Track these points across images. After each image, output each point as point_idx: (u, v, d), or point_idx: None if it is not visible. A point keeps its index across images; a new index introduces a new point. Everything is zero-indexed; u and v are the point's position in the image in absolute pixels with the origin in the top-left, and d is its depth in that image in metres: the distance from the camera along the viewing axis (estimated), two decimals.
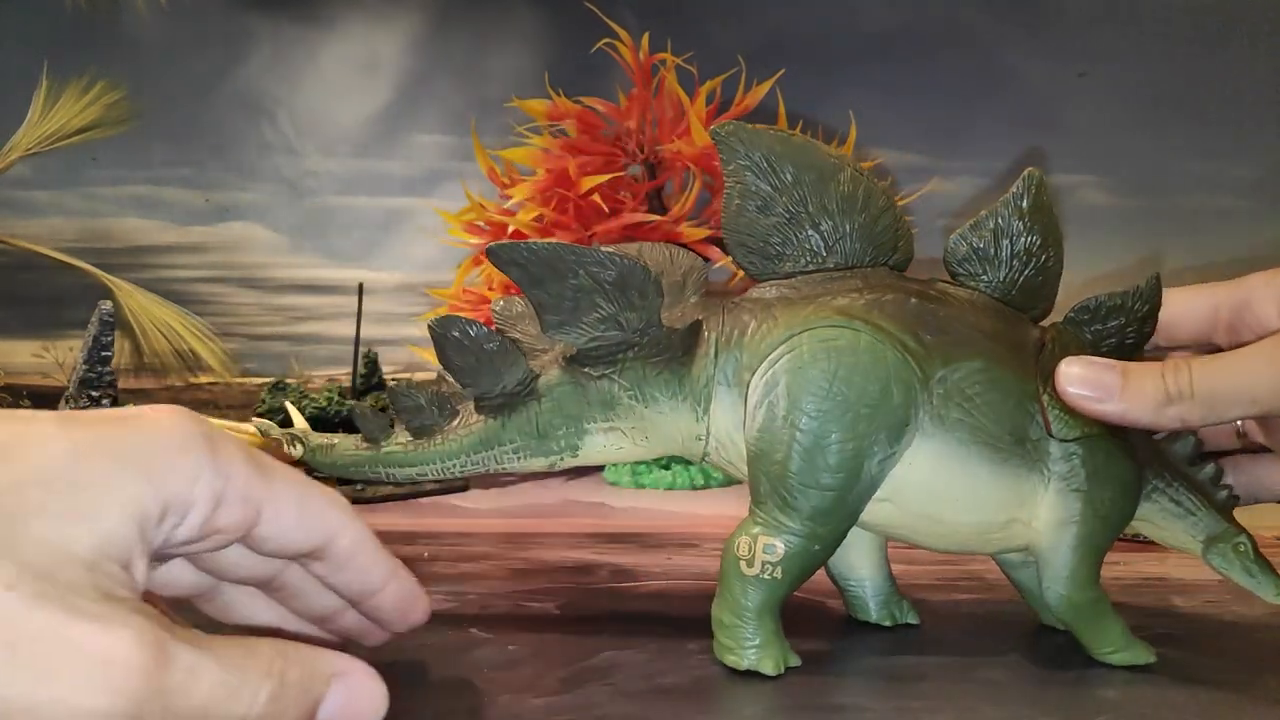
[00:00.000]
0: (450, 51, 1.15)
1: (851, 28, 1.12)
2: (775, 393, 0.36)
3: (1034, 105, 1.09)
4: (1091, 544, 0.37)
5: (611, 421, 0.40)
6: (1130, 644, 0.38)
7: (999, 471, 0.36)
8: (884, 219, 0.38)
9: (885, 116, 1.04)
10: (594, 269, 0.36)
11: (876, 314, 0.36)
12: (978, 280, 0.39)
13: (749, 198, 0.38)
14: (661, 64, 0.89)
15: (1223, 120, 1.08)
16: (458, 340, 0.40)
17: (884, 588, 0.43)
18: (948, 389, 0.36)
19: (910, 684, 0.36)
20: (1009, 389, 0.36)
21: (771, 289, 0.39)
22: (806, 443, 0.35)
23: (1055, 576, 0.37)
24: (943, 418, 0.36)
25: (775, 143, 0.37)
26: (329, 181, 1.17)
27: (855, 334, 0.35)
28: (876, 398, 0.35)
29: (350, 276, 1.15)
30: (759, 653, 0.35)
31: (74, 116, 1.11)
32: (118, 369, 0.70)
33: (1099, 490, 0.37)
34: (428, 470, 0.42)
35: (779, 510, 0.35)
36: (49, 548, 0.21)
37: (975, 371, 0.36)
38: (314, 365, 1.16)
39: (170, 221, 1.15)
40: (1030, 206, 0.37)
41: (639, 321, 0.38)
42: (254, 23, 1.15)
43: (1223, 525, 0.40)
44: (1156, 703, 0.34)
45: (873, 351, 0.35)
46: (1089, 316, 0.39)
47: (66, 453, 0.22)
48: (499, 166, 0.92)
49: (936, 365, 0.36)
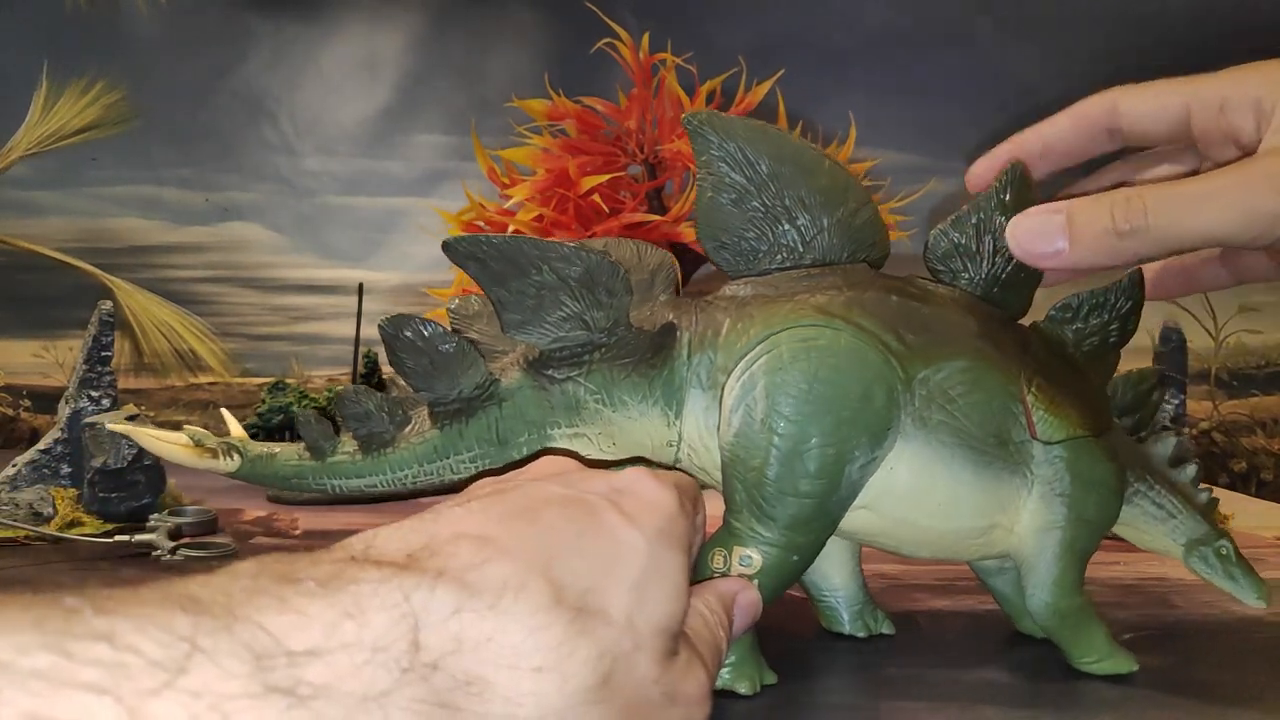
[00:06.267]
0: (450, 51, 1.15)
1: (851, 28, 1.12)
2: (753, 395, 0.34)
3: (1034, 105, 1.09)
4: (1075, 549, 0.36)
5: (577, 427, 0.38)
6: (1112, 652, 0.37)
7: (981, 475, 0.35)
8: (863, 213, 0.37)
9: (885, 116, 1.04)
10: (558, 264, 0.34)
11: (857, 312, 0.35)
12: (959, 277, 0.37)
13: (723, 190, 0.36)
14: (661, 64, 0.89)
15: None
16: (410, 341, 0.37)
17: (858, 598, 0.42)
18: (930, 390, 0.34)
19: (910, 684, 0.36)
20: (993, 389, 0.35)
21: (747, 286, 0.37)
22: (785, 448, 0.33)
23: (1039, 583, 0.36)
24: (925, 420, 0.34)
25: (750, 133, 0.36)
26: (329, 181, 1.16)
27: (836, 333, 0.34)
28: (858, 400, 0.33)
29: (350, 276, 1.15)
30: (733, 671, 0.34)
31: (74, 116, 1.11)
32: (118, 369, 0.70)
33: (1083, 494, 0.36)
34: (377, 482, 0.40)
35: (755, 519, 0.34)
36: (650, 621, 0.26)
37: (959, 371, 0.35)
38: (314, 365, 1.16)
39: (170, 221, 1.15)
40: (1013, 201, 0.36)
41: (606, 321, 0.36)
42: (254, 22, 1.15)
43: (1204, 528, 0.39)
44: (1155, 703, 0.34)
45: (854, 352, 0.34)
46: (1070, 315, 0.38)
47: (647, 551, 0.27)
48: (499, 166, 0.92)
49: (919, 365, 0.34)
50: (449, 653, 0.21)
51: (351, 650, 0.19)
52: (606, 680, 0.23)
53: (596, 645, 0.23)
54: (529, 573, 0.23)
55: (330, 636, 0.19)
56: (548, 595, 0.23)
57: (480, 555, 0.23)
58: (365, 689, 0.19)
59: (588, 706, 0.22)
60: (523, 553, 0.23)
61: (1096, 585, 0.51)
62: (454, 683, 0.20)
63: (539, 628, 0.22)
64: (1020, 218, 0.34)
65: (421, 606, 0.21)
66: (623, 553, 0.26)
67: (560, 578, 0.23)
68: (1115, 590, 0.51)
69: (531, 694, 0.21)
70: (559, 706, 0.22)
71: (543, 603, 0.22)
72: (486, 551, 0.23)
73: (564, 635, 0.22)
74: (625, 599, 0.25)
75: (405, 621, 0.20)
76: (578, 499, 0.27)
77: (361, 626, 0.20)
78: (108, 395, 0.63)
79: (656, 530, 0.27)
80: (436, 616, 0.21)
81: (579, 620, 0.23)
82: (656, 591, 0.26)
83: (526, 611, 0.22)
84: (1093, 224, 0.33)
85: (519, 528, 0.24)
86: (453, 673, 0.20)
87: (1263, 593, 0.39)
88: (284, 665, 0.18)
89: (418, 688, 0.20)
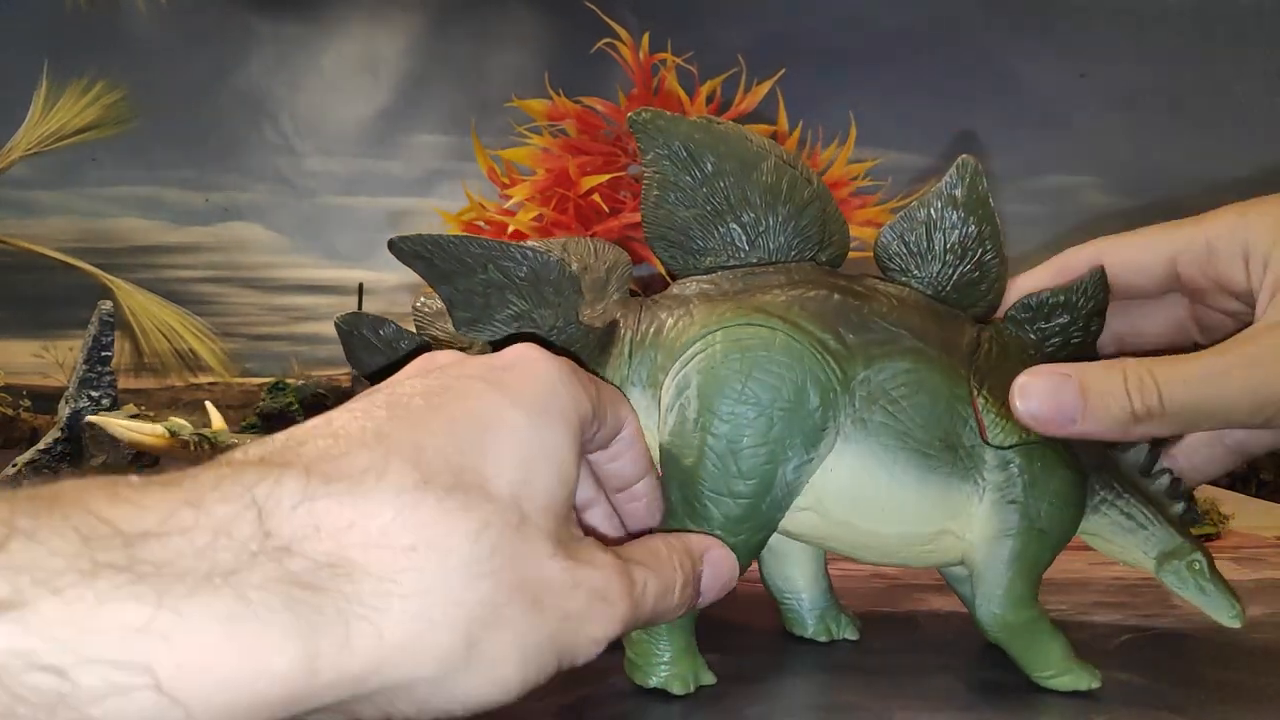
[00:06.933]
0: (450, 51, 1.15)
1: (851, 27, 1.12)
2: (686, 394, 0.34)
3: (1034, 105, 1.09)
4: (1028, 560, 0.35)
5: None
6: (1070, 667, 0.35)
7: (927, 480, 0.34)
8: (809, 211, 0.36)
9: (885, 116, 1.04)
10: (505, 264, 0.34)
11: (796, 311, 0.34)
12: (909, 276, 0.36)
13: (668, 189, 0.36)
14: (661, 64, 0.89)
15: (1223, 121, 1.08)
16: (366, 340, 0.37)
17: (821, 601, 0.41)
18: (871, 390, 0.34)
19: (909, 683, 0.36)
20: (938, 392, 0.34)
21: (692, 284, 0.37)
22: (718, 448, 0.33)
23: (988, 594, 0.35)
24: (865, 421, 0.33)
25: (695, 130, 0.35)
26: (329, 181, 1.16)
27: (771, 333, 0.33)
28: (791, 400, 0.33)
29: (350, 276, 1.15)
30: (669, 669, 0.34)
31: (74, 116, 1.11)
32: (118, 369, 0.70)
33: (1037, 502, 0.34)
34: None
35: (689, 519, 0.33)
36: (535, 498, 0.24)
37: (901, 373, 0.34)
38: (314, 365, 1.16)
39: (170, 221, 1.15)
40: (965, 197, 0.35)
41: (554, 319, 0.35)
42: (254, 23, 1.15)
43: (1177, 541, 0.38)
44: (1155, 703, 0.34)
45: (788, 351, 0.33)
46: (1030, 314, 0.37)
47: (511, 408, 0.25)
48: (499, 166, 0.92)
49: (858, 366, 0.34)
50: (304, 538, 0.20)
51: (191, 534, 0.18)
52: (492, 553, 0.22)
53: (476, 519, 0.22)
54: (391, 457, 0.22)
55: (166, 522, 0.18)
56: (413, 477, 0.22)
57: (339, 447, 0.22)
58: (210, 568, 0.18)
59: (474, 579, 0.21)
60: (384, 441, 0.22)
61: (1096, 586, 0.51)
62: (314, 565, 0.19)
63: (406, 507, 0.21)
64: (1028, 380, 0.33)
65: (265, 495, 0.20)
66: (500, 430, 0.24)
67: (429, 460, 0.22)
68: (1115, 591, 0.51)
69: (407, 570, 0.20)
70: (440, 581, 0.21)
71: (407, 484, 0.21)
72: (345, 444, 0.22)
73: (437, 513, 0.21)
74: (507, 475, 0.24)
75: (249, 511, 0.19)
76: (448, 385, 0.25)
77: (200, 513, 0.19)
78: (108, 395, 0.63)
79: (538, 406, 0.26)
80: (286, 504, 0.20)
81: (452, 496, 0.22)
82: (541, 468, 0.25)
83: (392, 493, 0.21)
84: (1109, 403, 0.32)
85: (381, 418, 0.23)
86: (312, 556, 0.20)
87: (1237, 612, 0.38)
88: (118, 545, 0.18)
89: (270, 568, 0.19)
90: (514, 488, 0.24)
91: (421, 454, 0.22)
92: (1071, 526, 0.36)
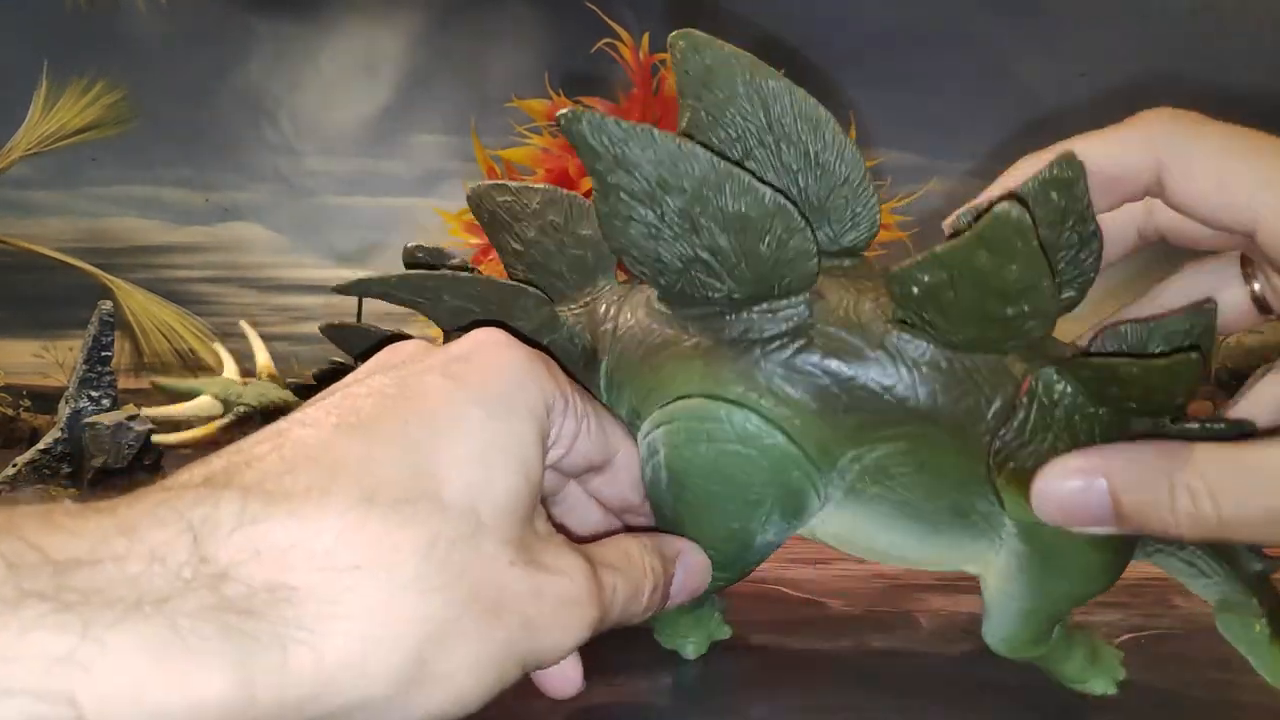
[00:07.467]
0: (450, 51, 1.15)
1: (851, 26, 1.12)
2: (656, 460, 0.32)
3: (1034, 105, 1.09)
4: (1040, 618, 0.33)
5: None
6: (1084, 679, 0.34)
7: (932, 539, 0.32)
8: (795, 242, 0.29)
9: (885, 116, 1.04)
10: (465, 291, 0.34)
11: (776, 384, 0.30)
12: (936, 329, 0.29)
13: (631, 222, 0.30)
14: (661, 64, 0.89)
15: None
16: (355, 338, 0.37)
17: None
18: (864, 466, 0.31)
19: (909, 683, 0.36)
20: (944, 471, 0.30)
21: (662, 318, 0.33)
22: (689, 516, 0.32)
23: (992, 630, 0.34)
24: (859, 492, 0.31)
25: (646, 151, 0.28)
26: (329, 181, 1.16)
27: (743, 418, 0.30)
28: (765, 483, 0.31)
29: (350, 276, 1.14)
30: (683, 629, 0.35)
31: (74, 116, 1.11)
32: (118, 369, 0.70)
33: (1056, 581, 0.32)
34: None
35: None
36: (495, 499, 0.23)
37: (899, 454, 0.30)
38: (314, 365, 1.16)
39: (170, 221, 1.15)
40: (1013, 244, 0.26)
41: (529, 327, 0.34)
42: (254, 22, 1.15)
43: (1240, 598, 0.33)
44: (1157, 703, 0.34)
45: (758, 442, 0.30)
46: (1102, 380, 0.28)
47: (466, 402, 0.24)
48: (499, 166, 0.92)
49: (845, 446, 0.30)
50: (242, 563, 0.19)
51: (123, 561, 0.18)
52: (443, 567, 0.21)
53: (425, 533, 0.21)
54: (335, 475, 0.21)
55: (98, 549, 0.18)
56: (356, 493, 0.21)
57: (282, 465, 0.21)
58: (140, 596, 0.18)
59: (424, 595, 0.21)
60: (329, 452, 0.22)
61: None
62: (251, 590, 0.19)
63: (350, 526, 0.21)
64: (1048, 480, 0.28)
65: (201, 520, 0.19)
66: (455, 431, 0.23)
67: (377, 471, 0.22)
68: (1116, 590, 0.50)
69: (350, 590, 0.20)
70: (385, 600, 0.20)
71: (352, 501, 0.21)
72: (290, 460, 0.21)
73: (382, 529, 0.21)
74: (463, 478, 0.23)
75: (183, 536, 0.19)
76: (402, 382, 0.24)
77: (134, 540, 0.18)
78: (108, 395, 0.63)
79: (498, 398, 0.25)
80: (224, 529, 0.19)
81: (399, 510, 0.21)
82: (501, 464, 0.24)
83: (335, 512, 0.21)
84: (1146, 514, 0.27)
85: (329, 427, 0.23)
86: (249, 581, 0.19)
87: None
88: (47, 574, 0.17)
89: (204, 595, 0.18)
90: (470, 491, 0.23)
91: (368, 466, 0.22)
92: (1100, 589, 0.33)
